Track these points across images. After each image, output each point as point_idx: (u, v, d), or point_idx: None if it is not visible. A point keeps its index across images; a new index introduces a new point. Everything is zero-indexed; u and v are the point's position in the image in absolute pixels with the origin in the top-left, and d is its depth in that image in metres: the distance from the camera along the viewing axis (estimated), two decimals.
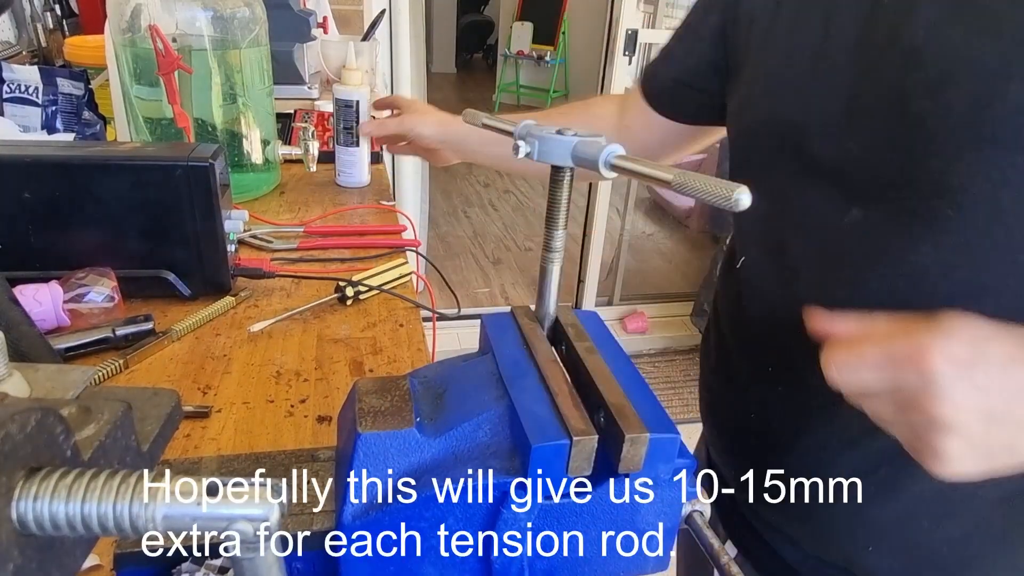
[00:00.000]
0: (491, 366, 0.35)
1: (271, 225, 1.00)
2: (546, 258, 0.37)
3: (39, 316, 0.67)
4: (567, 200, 0.36)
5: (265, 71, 1.05)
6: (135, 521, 0.20)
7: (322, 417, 0.62)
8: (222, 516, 0.21)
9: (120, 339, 0.68)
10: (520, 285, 3.22)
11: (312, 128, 1.16)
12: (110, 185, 0.72)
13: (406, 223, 1.03)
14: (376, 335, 0.75)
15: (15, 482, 0.19)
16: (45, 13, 1.67)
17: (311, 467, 0.36)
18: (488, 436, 0.32)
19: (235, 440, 0.59)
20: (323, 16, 1.71)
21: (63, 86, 1.27)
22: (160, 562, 0.31)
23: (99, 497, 0.20)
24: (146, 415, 0.28)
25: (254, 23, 0.99)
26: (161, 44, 0.87)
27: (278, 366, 0.69)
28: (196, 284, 0.77)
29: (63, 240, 0.73)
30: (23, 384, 0.28)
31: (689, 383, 2.61)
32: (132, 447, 0.26)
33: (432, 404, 0.34)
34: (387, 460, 0.32)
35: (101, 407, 0.24)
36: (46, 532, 0.20)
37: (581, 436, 0.30)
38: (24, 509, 0.19)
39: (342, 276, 0.82)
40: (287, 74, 1.39)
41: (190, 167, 0.72)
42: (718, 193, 0.27)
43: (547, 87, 5.83)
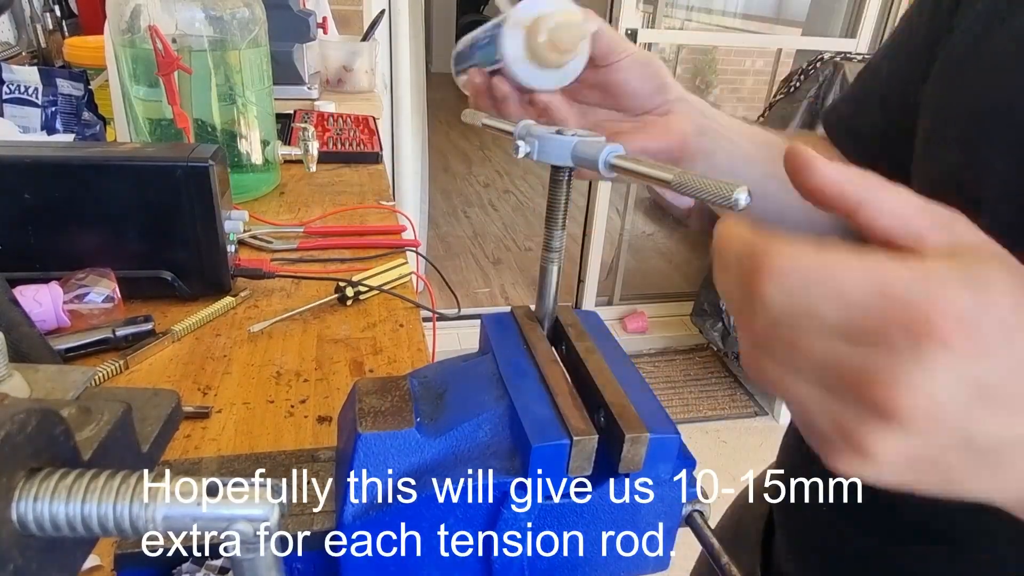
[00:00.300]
0: (491, 366, 0.35)
1: (271, 225, 1.00)
2: (546, 258, 0.37)
3: (39, 317, 0.67)
4: (567, 200, 0.36)
5: (265, 71, 1.05)
6: (135, 521, 0.20)
7: (322, 417, 0.62)
8: (222, 516, 0.21)
9: (120, 340, 0.68)
10: (520, 285, 3.22)
11: (312, 128, 1.16)
12: (110, 186, 0.72)
13: (406, 223, 1.03)
14: (376, 335, 0.75)
15: (15, 483, 0.19)
16: (45, 14, 1.67)
17: (311, 467, 0.36)
18: (488, 436, 0.32)
19: (235, 440, 0.59)
20: (322, 16, 1.71)
21: (63, 87, 1.27)
22: (160, 562, 0.31)
23: (99, 498, 0.20)
24: (146, 416, 0.28)
25: (253, 23, 0.99)
26: (161, 45, 0.87)
27: (278, 366, 0.69)
28: (196, 284, 0.78)
29: (63, 241, 0.73)
30: (23, 385, 0.28)
31: (689, 383, 2.62)
32: (132, 448, 0.26)
33: (432, 404, 0.34)
34: (387, 460, 0.32)
35: (101, 408, 0.24)
36: (46, 533, 0.20)
37: (581, 436, 0.30)
38: (24, 510, 0.19)
39: (342, 276, 0.82)
40: (287, 74, 1.40)
41: (190, 167, 0.72)
42: (718, 193, 0.27)
43: None
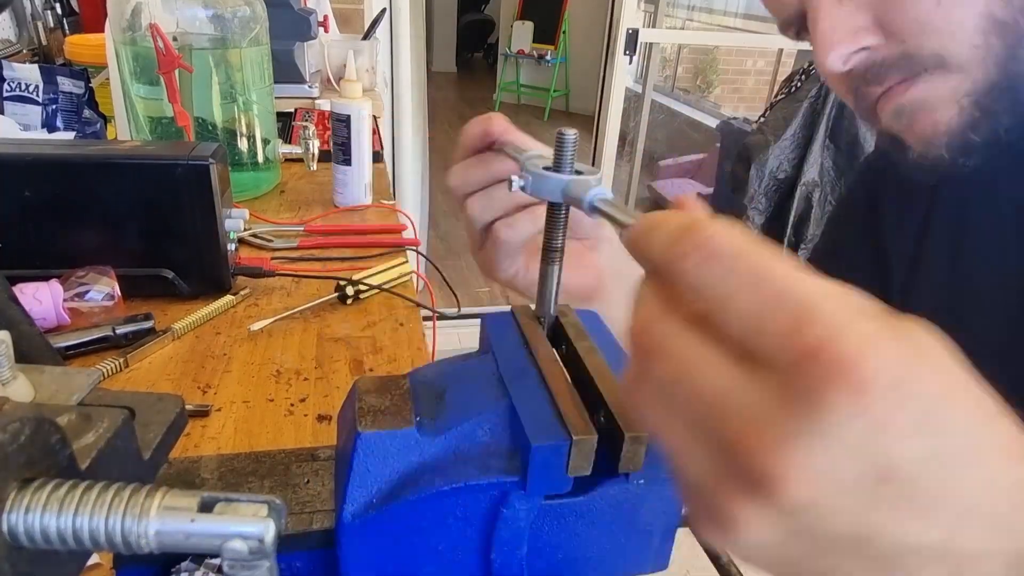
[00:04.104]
0: (491, 366, 0.35)
1: (271, 224, 1.00)
2: (546, 258, 0.37)
3: (39, 315, 0.67)
4: (565, 226, 0.36)
5: (265, 70, 1.05)
6: (127, 536, 0.20)
7: (322, 416, 0.62)
8: (216, 533, 0.20)
9: (120, 338, 0.68)
10: None
11: (312, 127, 1.16)
12: (110, 184, 0.72)
13: (406, 222, 1.03)
14: (376, 334, 0.75)
15: (7, 494, 0.19)
16: (45, 11, 1.67)
17: (311, 466, 0.36)
18: (488, 435, 0.32)
19: (235, 439, 0.59)
20: (323, 15, 1.71)
21: (63, 85, 1.27)
22: (160, 560, 0.31)
23: (91, 511, 0.20)
24: (149, 421, 0.28)
25: (254, 22, 0.98)
26: (161, 43, 0.87)
27: (278, 365, 0.69)
28: (196, 283, 0.77)
29: (63, 239, 0.73)
30: (27, 387, 0.28)
31: None
32: (133, 455, 0.25)
33: (432, 403, 0.34)
34: (387, 459, 0.31)
35: (102, 414, 0.24)
36: (37, 545, 0.19)
37: (581, 436, 0.30)
38: (15, 521, 0.19)
39: (342, 275, 0.82)
40: (288, 73, 1.39)
41: (190, 166, 0.72)
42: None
43: (548, 86, 5.83)
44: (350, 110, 1.01)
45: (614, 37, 2.31)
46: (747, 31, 4.76)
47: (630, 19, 2.27)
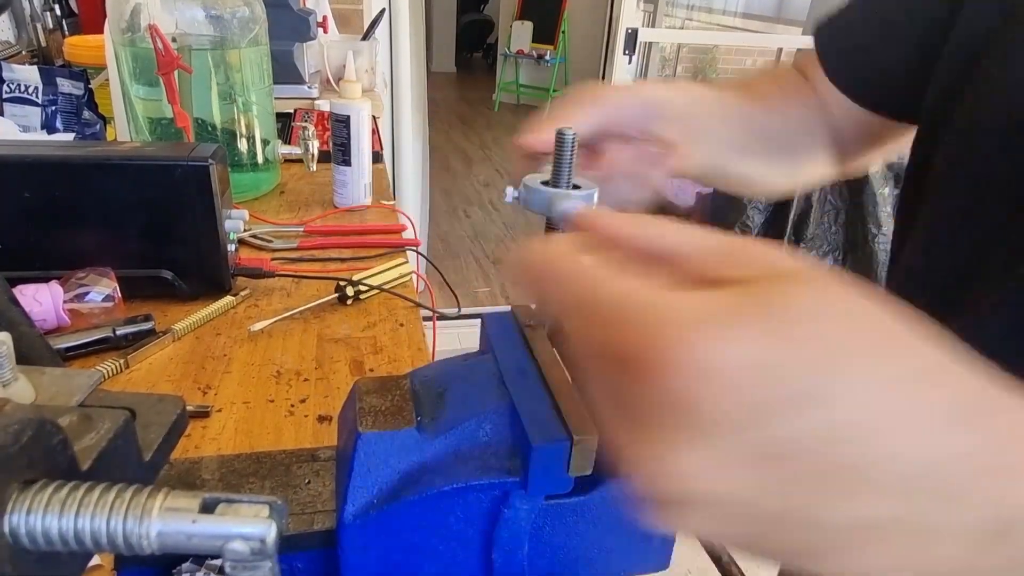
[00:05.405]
0: (491, 365, 0.35)
1: (271, 224, 1.00)
2: None
3: (39, 316, 0.67)
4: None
5: (265, 70, 1.05)
6: (128, 537, 0.20)
7: (322, 417, 0.62)
8: (217, 534, 0.20)
9: (120, 339, 0.68)
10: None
11: (312, 128, 1.16)
12: (110, 185, 0.72)
13: (406, 222, 1.03)
14: (376, 335, 0.75)
15: (8, 495, 0.19)
16: (45, 13, 1.66)
17: (312, 467, 0.36)
18: (488, 435, 0.32)
19: (235, 440, 0.59)
20: (322, 15, 1.71)
21: (63, 86, 1.27)
22: (161, 561, 0.31)
23: (93, 512, 0.20)
24: (150, 422, 0.28)
25: (254, 22, 0.98)
26: (161, 44, 0.87)
27: (278, 366, 0.69)
28: (196, 284, 0.77)
29: (63, 240, 0.73)
30: (29, 388, 0.28)
31: None
32: (134, 456, 0.25)
33: (432, 403, 0.34)
34: (387, 459, 0.32)
35: (103, 415, 0.24)
36: (39, 547, 0.19)
37: (582, 435, 0.30)
38: (17, 523, 0.19)
39: (342, 275, 0.82)
40: (287, 73, 1.39)
41: (190, 167, 0.72)
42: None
43: (547, 86, 5.82)
44: (350, 111, 1.01)
45: (613, 37, 2.31)
46: (746, 30, 4.76)
47: (629, 19, 2.27)
